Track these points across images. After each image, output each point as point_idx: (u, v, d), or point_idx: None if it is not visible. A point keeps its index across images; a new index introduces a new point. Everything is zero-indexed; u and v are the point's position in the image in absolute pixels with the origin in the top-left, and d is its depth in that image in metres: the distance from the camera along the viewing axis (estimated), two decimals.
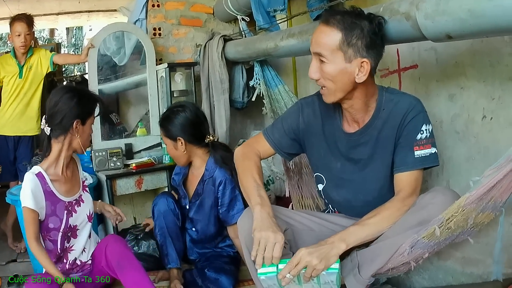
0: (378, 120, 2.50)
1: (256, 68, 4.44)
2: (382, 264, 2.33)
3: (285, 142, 2.83)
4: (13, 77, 4.96)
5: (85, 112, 3.13)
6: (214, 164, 3.65)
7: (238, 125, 5.58)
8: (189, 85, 4.99)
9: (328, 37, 2.33)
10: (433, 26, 2.23)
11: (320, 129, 2.72)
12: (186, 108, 3.66)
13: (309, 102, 2.79)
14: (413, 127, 2.41)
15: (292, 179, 3.51)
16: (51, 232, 3.11)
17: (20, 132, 5.04)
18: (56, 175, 3.13)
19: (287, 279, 2.24)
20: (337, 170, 2.68)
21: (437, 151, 2.44)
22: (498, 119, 2.79)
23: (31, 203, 2.97)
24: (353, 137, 2.58)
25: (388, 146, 2.49)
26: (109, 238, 3.23)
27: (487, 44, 2.78)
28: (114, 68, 5.40)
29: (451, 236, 2.25)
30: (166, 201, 3.69)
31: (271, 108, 4.19)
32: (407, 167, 2.42)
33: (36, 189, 3.02)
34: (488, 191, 2.00)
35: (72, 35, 17.60)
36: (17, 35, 4.86)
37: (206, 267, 3.57)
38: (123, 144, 4.74)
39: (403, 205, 2.36)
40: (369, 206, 2.50)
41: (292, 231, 2.62)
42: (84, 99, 3.13)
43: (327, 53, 2.34)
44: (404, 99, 2.48)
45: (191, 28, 5.44)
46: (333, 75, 2.36)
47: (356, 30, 2.31)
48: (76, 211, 3.20)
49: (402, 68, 3.42)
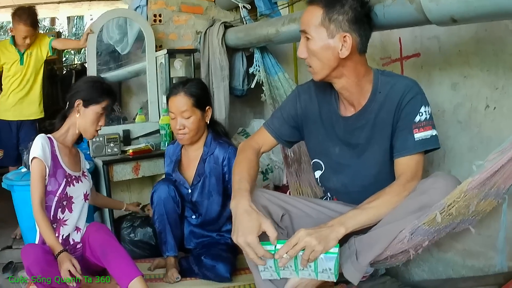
0: (374, 103, 2.47)
1: (256, 55, 4.42)
2: (381, 250, 2.29)
3: (285, 130, 2.83)
4: (14, 63, 4.97)
5: (90, 97, 3.25)
6: (214, 140, 3.65)
7: (237, 113, 5.54)
8: (188, 72, 4.95)
9: (311, 14, 2.39)
10: (438, 8, 2.20)
11: (318, 114, 2.71)
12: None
13: (305, 88, 2.81)
14: (411, 110, 2.37)
15: (290, 166, 3.49)
16: (48, 196, 3.17)
17: (22, 117, 5.06)
18: (62, 146, 3.28)
19: (284, 260, 2.22)
20: (335, 155, 2.66)
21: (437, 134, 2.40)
22: (502, 109, 2.77)
23: (41, 154, 3.12)
24: (350, 121, 2.56)
25: (385, 130, 2.45)
26: (90, 228, 3.26)
27: (491, 32, 2.76)
28: (116, 57, 5.39)
29: (452, 223, 2.22)
30: (167, 188, 3.62)
31: (270, 95, 4.17)
32: (407, 150, 2.37)
33: (45, 144, 3.17)
34: (491, 176, 1.97)
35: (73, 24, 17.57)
36: (23, 37, 4.86)
37: (203, 254, 3.53)
38: (121, 130, 4.69)
39: (404, 190, 2.32)
40: (366, 192, 2.47)
41: (289, 217, 2.60)
42: (97, 87, 3.28)
43: (311, 29, 2.38)
44: (401, 81, 2.45)
45: (191, 15, 5.39)
46: (317, 51, 2.38)
47: (337, 5, 2.33)
48: (74, 185, 3.29)
49: (404, 56, 3.39)
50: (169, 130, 4.52)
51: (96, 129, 3.32)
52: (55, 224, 3.20)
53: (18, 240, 4.53)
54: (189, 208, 3.76)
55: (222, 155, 3.59)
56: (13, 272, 3.93)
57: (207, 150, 3.63)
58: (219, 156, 3.60)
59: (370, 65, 2.50)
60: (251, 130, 5.22)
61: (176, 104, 3.54)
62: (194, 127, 3.56)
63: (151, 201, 3.69)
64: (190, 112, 3.53)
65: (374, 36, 3.45)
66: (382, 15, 2.60)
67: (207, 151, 3.63)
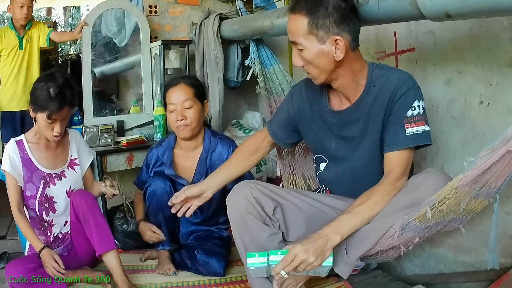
0: (368, 96, 2.46)
1: (251, 47, 4.40)
2: (370, 246, 2.31)
3: (281, 132, 2.90)
4: (13, 49, 4.97)
5: (34, 103, 3.09)
6: (213, 137, 3.61)
7: (231, 105, 5.52)
8: (183, 63, 4.94)
9: (296, 24, 2.36)
10: (432, 4, 2.20)
11: (309, 113, 2.72)
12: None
13: (297, 89, 2.83)
14: (403, 104, 2.35)
15: (284, 158, 3.48)
16: (29, 200, 3.21)
17: (25, 107, 5.00)
18: (37, 144, 3.25)
19: (280, 276, 2.21)
20: (332, 150, 2.67)
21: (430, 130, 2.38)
22: (495, 105, 2.78)
23: (8, 168, 3.13)
24: (344, 115, 2.55)
25: (377, 123, 2.45)
26: (76, 194, 3.28)
27: (486, 29, 2.76)
28: (112, 49, 5.37)
29: (443, 221, 2.23)
30: (163, 184, 3.53)
31: (265, 87, 4.16)
32: (398, 145, 2.36)
33: (13, 154, 3.16)
34: (483, 174, 1.97)
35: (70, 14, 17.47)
36: (20, 6, 4.85)
37: (197, 248, 3.51)
38: (115, 121, 4.67)
39: (394, 188, 2.33)
40: (356, 183, 2.53)
41: (281, 210, 2.60)
42: (39, 94, 3.05)
43: (300, 39, 2.35)
44: (394, 75, 2.43)
45: (187, 7, 5.37)
46: (312, 59, 2.36)
47: (320, 9, 2.29)
48: (54, 184, 3.28)
49: (399, 51, 3.38)
50: (162, 121, 4.49)
51: (52, 134, 3.14)
52: (45, 225, 3.25)
53: (11, 231, 4.51)
54: None
55: (226, 151, 3.56)
56: (6, 263, 3.92)
57: (207, 147, 3.59)
58: (223, 152, 3.56)
59: (365, 59, 2.50)
60: (245, 122, 5.21)
61: (177, 94, 3.49)
62: (195, 117, 3.49)
63: (144, 195, 3.62)
64: (192, 101, 3.49)
65: (369, 30, 3.47)
66: (377, 9, 2.60)
67: (207, 148, 3.58)
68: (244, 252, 2.52)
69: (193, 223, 3.72)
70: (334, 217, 2.50)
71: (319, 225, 2.53)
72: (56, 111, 3.03)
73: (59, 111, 3.04)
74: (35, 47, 5.07)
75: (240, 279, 3.32)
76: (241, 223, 2.53)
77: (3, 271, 3.75)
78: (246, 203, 2.52)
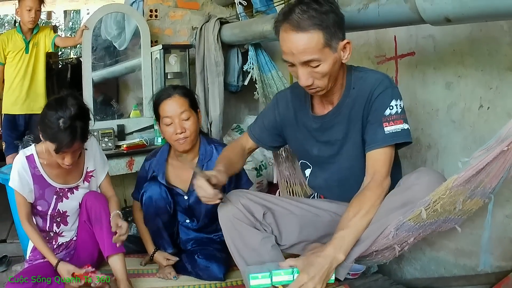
0: (348, 98, 2.49)
1: (250, 53, 4.42)
2: (366, 247, 2.32)
3: (266, 136, 2.89)
4: (19, 52, 5.00)
5: (43, 132, 2.86)
6: (208, 144, 3.56)
7: (232, 109, 5.54)
8: (183, 68, 4.96)
9: (311, 41, 2.26)
10: (432, 8, 2.20)
11: (293, 120, 2.74)
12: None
13: (283, 95, 2.84)
14: (381, 103, 2.38)
15: (280, 165, 3.48)
16: (39, 214, 3.15)
17: (30, 110, 5.09)
18: (49, 159, 3.07)
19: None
20: (315, 156, 2.69)
21: (409, 128, 2.40)
22: (495, 109, 2.77)
23: (17, 186, 3.00)
24: (327, 118, 2.57)
25: (357, 124, 2.47)
26: (90, 194, 3.22)
27: (486, 32, 2.76)
28: (112, 53, 5.38)
29: (437, 220, 2.23)
30: (159, 189, 3.49)
31: (263, 93, 4.17)
32: (377, 144, 2.38)
33: (23, 171, 3.03)
34: (477, 174, 1.98)
35: (70, 18, 17.49)
36: (28, 9, 4.88)
37: (197, 253, 3.50)
38: (115, 125, 4.69)
39: (382, 190, 2.35)
40: (344, 186, 2.57)
41: (272, 215, 2.61)
42: (48, 125, 2.80)
43: (318, 55, 2.27)
44: (371, 76, 2.47)
45: (187, 11, 5.38)
46: (328, 71, 2.33)
47: (330, 19, 2.27)
48: (67, 198, 3.19)
49: (399, 55, 3.38)
50: None
51: (64, 163, 2.93)
52: (51, 235, 3.21)
53: (12, 235, 4.51)
54: (182, 213, 3.67)
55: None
56: (7, 266, 3.92)
57: (203, 156, 3.52)
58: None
59: (365, 64, 2.52)
60: (245, 127, 5.20)
61: (173, 106, 3.38)
62: (194, 128, 3.41)
63: (141, 201, 3.56)
64: (189, 112, 3.40)
65: (370, 34, 3.47)
66: (377, 14, 2.61)
67: (203, 157, 3.52)
68: (240, 259, 2.56)
69: (193, 230, 3.71)
70: (327, 219, 2.59)
71: (312, 228, 2.56)
72: (65, 147, 2.81)
73: (68, 147, 2.82)
74: (42, 51, 5.10)
75: (240, 284, 3.31)
76: (232, 230, 2.54)
77: (3, 275, 3.77)
78: (235, 210, 2.53)
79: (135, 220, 3.76)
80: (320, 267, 2.18)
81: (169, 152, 3.64)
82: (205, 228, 3.67)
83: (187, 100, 3.43)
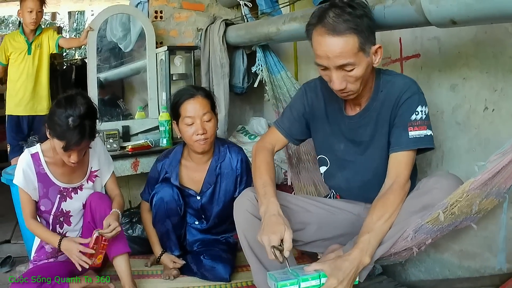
0: (376, 102, 2.51)
1: (258, 54, 4.41)
2: (386, 249, 2.33)
3: (295, 128, 2.85)
4: (21, 53, 5.01)
5: (51, 128, 2.88)
6: (222, 146, 3.57)
7: (237, 110, 5.53)
8: (188, 69, 4.96)
9: (347, 44, 2.26)
10: (438, 10, 2.21)
11: (323, 112, 2.73)
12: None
13: (312, 86, 2.82)
14: (408, 108, 2.41)
15: (294, 166, 3.48)
16: (42, 214, 3.15)
17: (33, 112, 5.10)
18: (54, 158, 3.09)
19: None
20: (340, 152, 2.70)
21: (433, 135, 2.43)
22: (500, 111, 2.77)
23: (22, 183, 3.02)
24: (354, 120, 2.59)
25: (384, 127, 2.50)
26: (94, 195, 3.22)
27: (491, 35, 2.76)
28: (118, 54, 5.39)
29: (455, 222, 2.27)
30: (171, 191, 3.50)
31: (273, 94, 4.16)
32: (400, 147, 2.41)
33: (28, 169, 3.04)
34: (493, 177, 2.00)
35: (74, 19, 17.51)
36: (29, 11, 4.90)
37: (202, 254, 3.51)
38: (120, 126, 4.68)
39: (404, 194, 2.38)
40: (365, 187, 2.58)
41: (287, 213, 2.59)
42: (57, 122, 2.83)
43: (353, 59, 2.28)
44: (400, 80, 2.49)
45: (193, 12, 5.38)
46: (361, 75, 2.34)
47: (364, 23, 2.29)
48: (71, 198, 3.20)
49: (404, 57, 3.39)
50: (168, 127, 4.51)
51: (69, 161, 2.95)
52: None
53: (16, 235, 4.51)
54: (191, 214, 3.68)
55: (235, 158, 3.53)
56: (11, 267, 3.94)
57: (217, 157, 3.54)
58: (232, 160, 3.53)
59: None
60: (251, 128, 5.22)
61: (197, 107, 3.37)
62: (214, 131, 3.43)
63: (150, 202, 3.58)
64: (210, 114, 3.40)
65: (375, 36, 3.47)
66: (383, 16, 2.61)
67: (217, 158, 3.54)
68: (250, 253, 2.55)
69: (200, 231, 3.71)
70: (343, 218, 2.61)
71: (327, 226, 2.59)
72: (73, 145, 2.85)
73: (76, 145, 2.86)
74: (45, 53, 5.11)
75: (246, 285, 3.32)
76: (245, 223, 2.54)
77: (7, 275, 3.78)
78: (249, 204, 2.54)
79: (143, 221, 3.75)
80: (348, 271, 2.20)
81: (183, 153, 3.63)
82: (213, 229, 3.68)
83: (209, 102, 3.43)
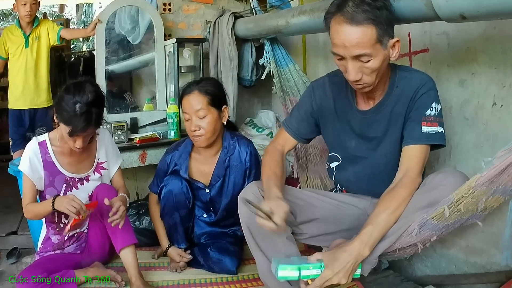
0: (392, 97, 2.50)
1: (266, 47, 4.41)
2: (390, 244, 2.34)
3: (303, 128, 2.85)
4: (19, 47, 5.01)
5: (58, 114, 2.92)
6: (231, 139, 3.56)
7: (245, 103, 5.54)
8: (197, 61, 4.97)
9: (365, 35, 2.24)
10: (447, 5, 2.21)
11: (332, 109, 2.72)
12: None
13: (320, 84, 2.80)
14: (423, 103, 2.41)
15: (300, 159, 3.48)
16: None
17: (34, 105, 5.10)
18: (62, 147, 3.11)
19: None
20: (351, 149, 2.69)
21: (444, 132, 2.42)
22: (508, 107, 2.77)
23: (27, 170, 3.02)
24: (368, 115, 2.59)
25: (398, 121, 2.49)
26: (101, 186, 3.21)
27: (500, 30, 2.76)
28: (126, 46, 5.37)
29: (460, 219, 2.26)
30: (180, 184, 3.51)
31: (280, 87, 4.16)
32: (413, 140, 2.41)
33: (34, 157, 3.05)
34: (500, 174, 1.99)
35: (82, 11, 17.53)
36: (23, 4, 4.89)
37: (210, 246, 3.52)
38: (128, 118, 4.70)
39: (414, 189, 2.37)
40: (375, 180, 2.58)
41: (292, 208, 2.59)
42: (64, 107, 2.86)
43: (370, 50, 2.26)
44: (417, 76, 2.49)
45: (201, 5, 5.37)
46: (377, 67, 2.32)
47: (383, 15, 2.26)
48: (77, 188, 3.19)
49: (413, 51, 3.38)
50: (176, 119, 4.51)
51: (75, 146, 2.98)
52: (61, 226, 3.20)
53: (23, 226, 4.52)
54: (200, 207, 3.69)
55: (244, 151, 3.51)
56: (17, 258, 3.95)
57: (226, 150, 3.53)
58: (241, 153, 3.52)
59: None
60: (259, 121, 5.22)
61: (190, 103, 3.38)
62: (210, 128, 3.38)
63: (159, 194, 3.57)
64: (206, 111, 3.36)
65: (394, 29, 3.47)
66: (392, 10, 2.60)
67: (226, 151, 3.52)
68: (254, 245, 2.56)
69: (208, 224, 3.71)
70: (348, 213, 2.61)
71: (333, 220, 2.58)
72: (79, 131, 2.88)
73: (82, 131, 2.89)
74: (44, 45, 5.09)
75: (252, 277, 3.34)
76: (249, 216, 2.52)
77: (13, 267, 3.80)
78: (253, 198, 2.51)
79: (151, 213, 3.76)
80: (345, 262, 2.21)
81: (193, 146, 3.61)
82: (221, 222, 3.68)
83: (206, 98, 3.38)
